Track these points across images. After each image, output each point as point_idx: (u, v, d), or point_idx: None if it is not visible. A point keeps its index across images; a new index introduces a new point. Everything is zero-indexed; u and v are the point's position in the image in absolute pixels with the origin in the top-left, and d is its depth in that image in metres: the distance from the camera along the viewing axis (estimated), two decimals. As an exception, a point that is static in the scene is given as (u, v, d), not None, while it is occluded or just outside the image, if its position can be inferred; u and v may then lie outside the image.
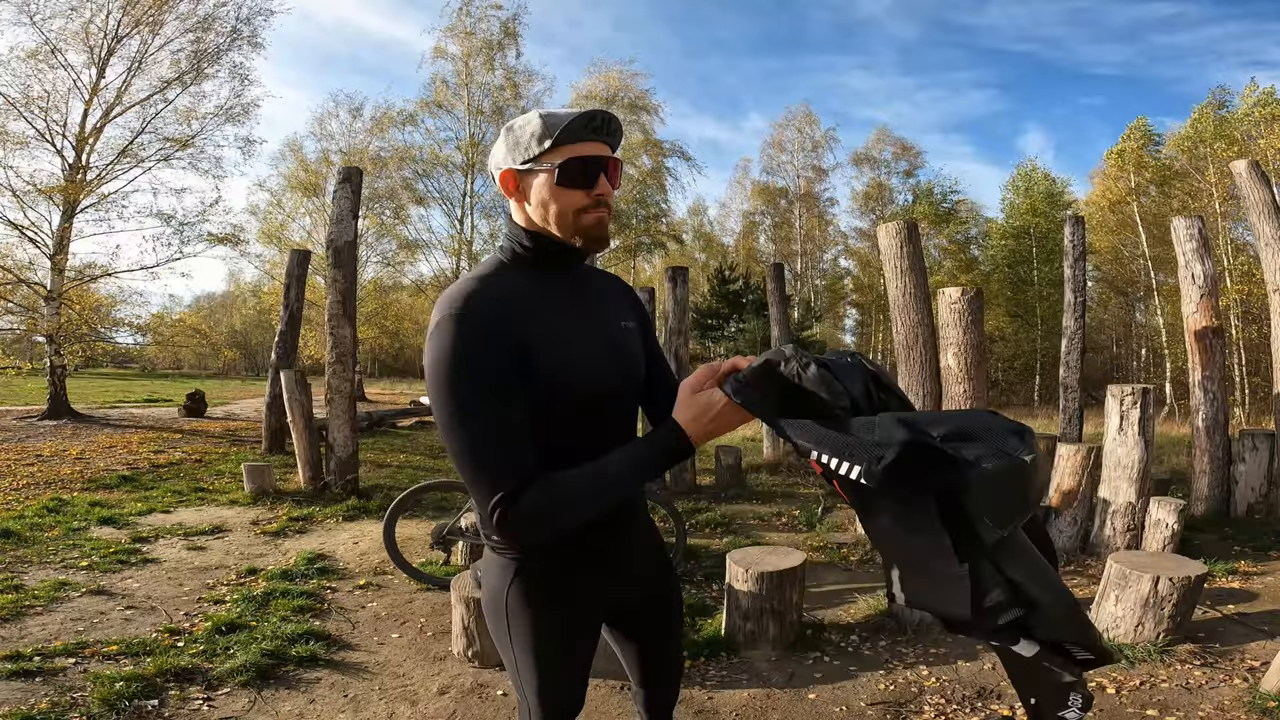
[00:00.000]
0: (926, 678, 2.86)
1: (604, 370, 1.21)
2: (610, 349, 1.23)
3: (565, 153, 1.13)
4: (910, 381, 5.12)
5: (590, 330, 1.21)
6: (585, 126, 1.13)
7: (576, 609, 1.25)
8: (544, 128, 1.12)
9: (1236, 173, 6.11)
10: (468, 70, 20.46)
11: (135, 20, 11.43)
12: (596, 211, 1.17)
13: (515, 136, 1.16)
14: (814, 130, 27.12)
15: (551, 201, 1.15)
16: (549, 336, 1.13)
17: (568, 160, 1.13)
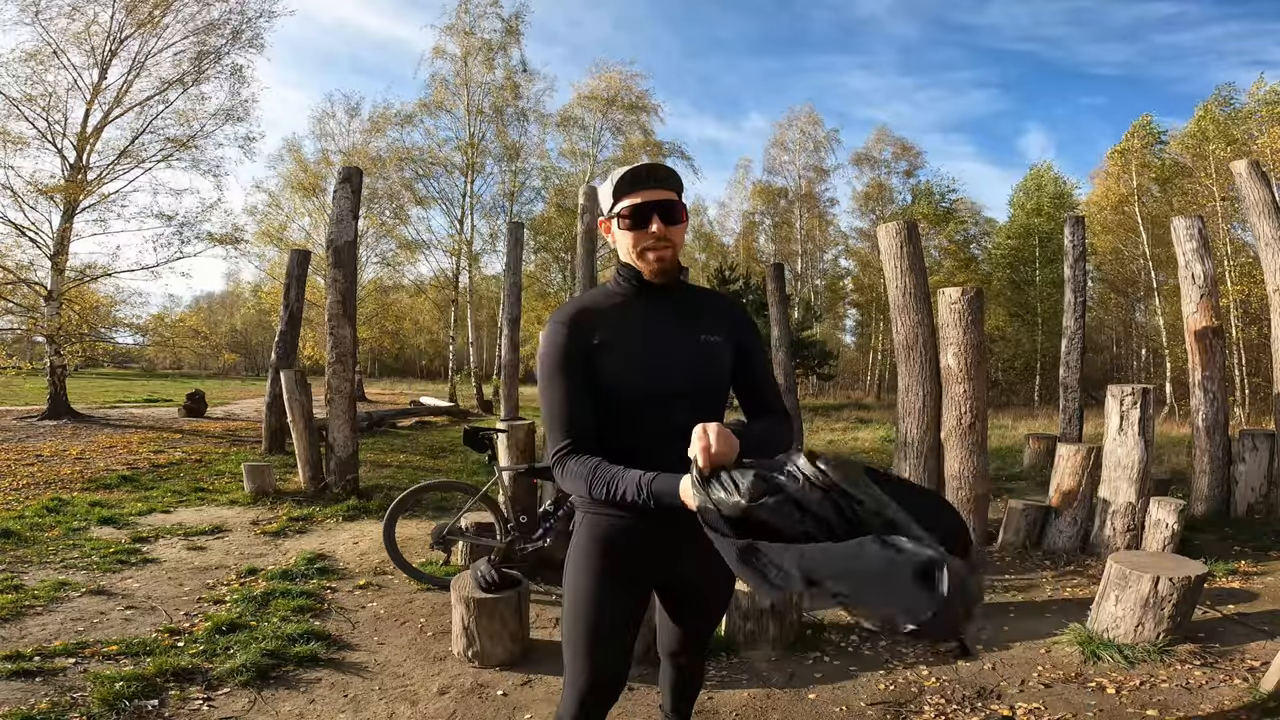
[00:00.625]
0: (926, 678, 2.86)
1: (669, 373, 1.46)
2: (683, 356, 1.47)
3: (626, 202, 1.44)
4: (910, 381, 5.12)
5: (665, 340, 1.48)
6: (631, 181, 1.44)
7: (620, 560, 1.49)
8: (611, 185, 1.46)
9: (1236, 173, 6.11)
10: (467, 70, 20.44)
11: (138, 22, 11.43)
12: (655, 250, 1.45)
13: (602, 193, 1.49)
14: (817, 130, 27.13)
15: (620, 243, 1.49)
16: (621, 341, 1.45)
17: (623, 209, 1.45)
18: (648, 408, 1.44)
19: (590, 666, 1.49)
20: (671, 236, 1.45)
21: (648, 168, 1.44)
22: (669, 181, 1.46)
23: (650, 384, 1.45)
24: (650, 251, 1.45)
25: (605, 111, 22.45)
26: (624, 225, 1.45)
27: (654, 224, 1.43)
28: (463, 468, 8.34)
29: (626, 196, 1.44)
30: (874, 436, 11.55)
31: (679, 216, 1.46)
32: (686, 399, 1.45)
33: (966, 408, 4.89)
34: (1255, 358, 16.27)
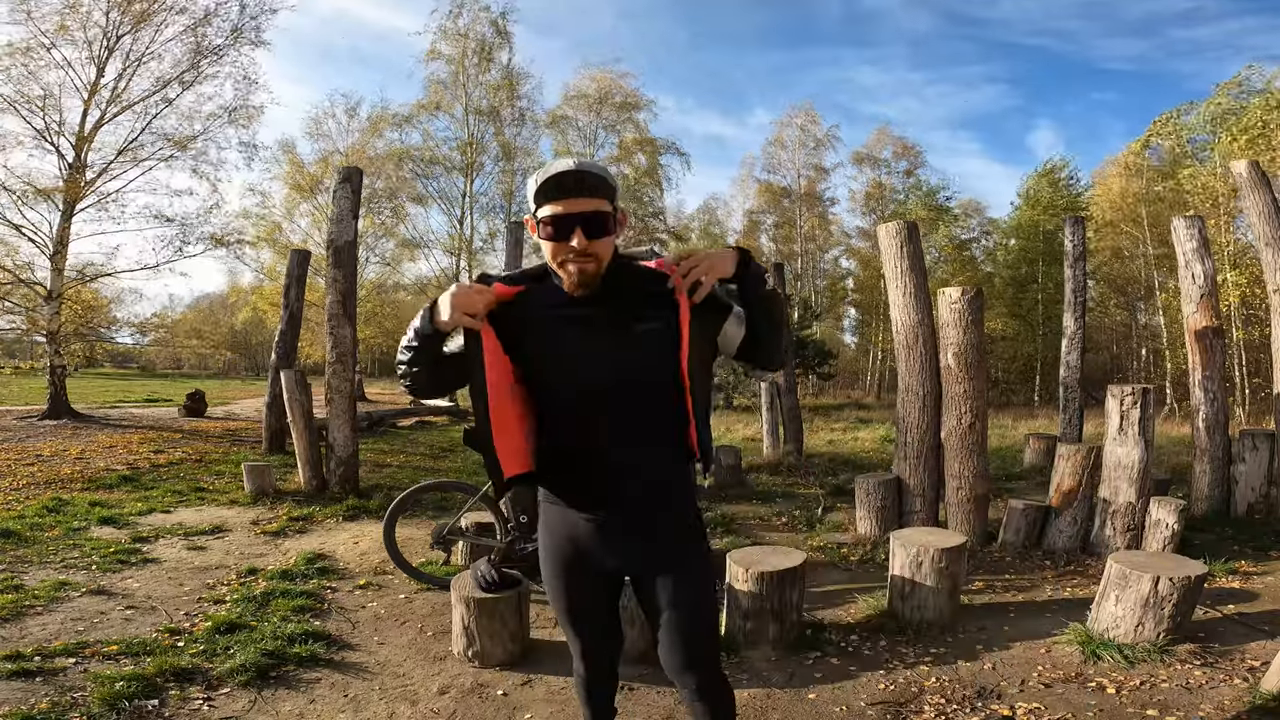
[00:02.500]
0: (926, 678, 2.86)
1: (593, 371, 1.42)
2: (607, 352, 1.42)
3: (546, 211, 1.35)
4: (910, 381, 5.12)
5: (586, 339, 1.42)
6: (555, 188, 1.33)
7: (570, 548, 1.55)
8: (534, 188, 1.36)
9: (1237, 173, 6.11)
10: (463, 71, 20.44)
11: (134, 19, 11.42)
12: (576, 262, 1.36)
13: (528, 189, 1.41)
14: (816, 128, 27.12)
15: (544, 250, 1.41)
16: (541, 341, 1.43)
17: (543, 218, 1.36)
18: (580, 407, 1.44)
19: (576, 636, 1.68)
20: (596, 250, 1.36)
21: (575, 175, 1.33)
22: (599, 190, 1.35)
23: (569, 385, 1.44)
24: (571, 264, 1.37)
25: (597, 110, 22.44)
26: (544, 234, 1.37)
27: (575, 238, 1.33)
28: (463, 468, 8.34)
29: (549, 204, 1.35)
30: (874, 436, 11.55)
31: (607, 228, 1.37)
32: (618, 395, 1.42)
33: (966, 408, 4.89)
34: (1255, 358, 16.26)
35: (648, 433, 1.45)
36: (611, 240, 1.40)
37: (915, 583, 3.38)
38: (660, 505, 1.51)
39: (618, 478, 1.46)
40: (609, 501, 1.48)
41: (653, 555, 1.53)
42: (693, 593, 1.55)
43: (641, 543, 1.52)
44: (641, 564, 1.55)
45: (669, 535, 1.54)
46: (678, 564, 1.55)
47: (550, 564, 1.60)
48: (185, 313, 35.98)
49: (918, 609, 3.38)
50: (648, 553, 1.53)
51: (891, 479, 5.16)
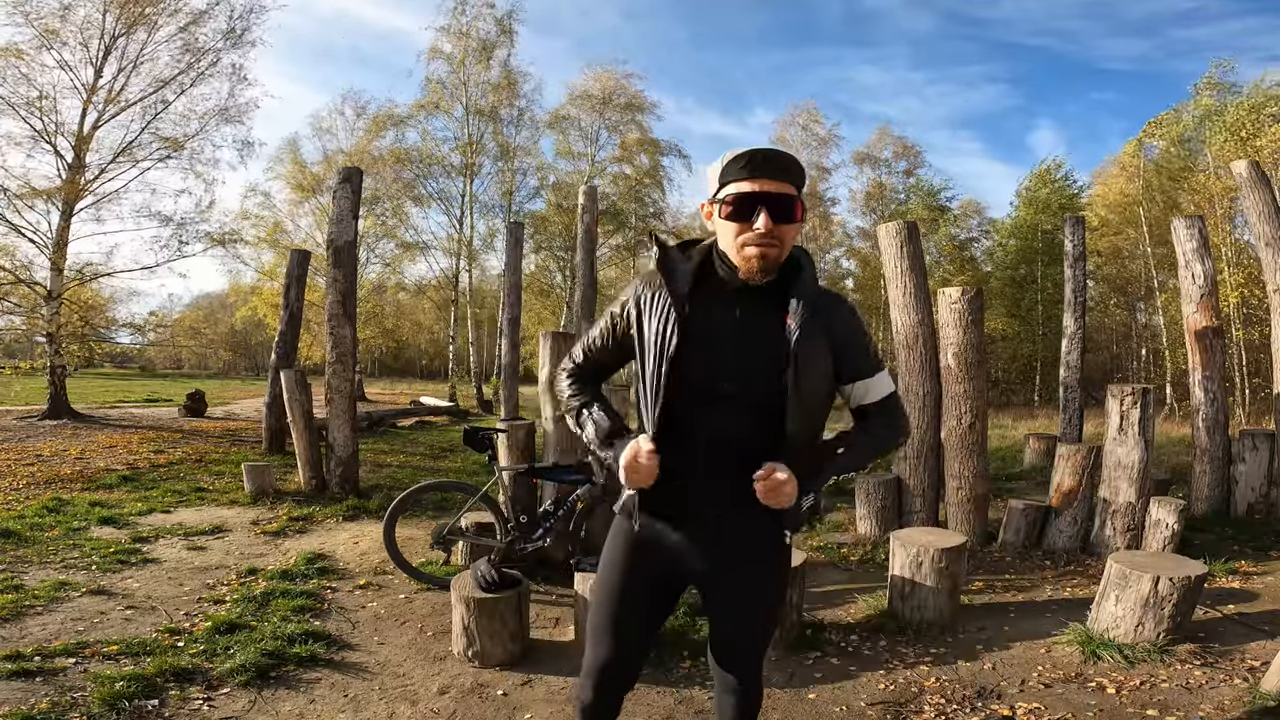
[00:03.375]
0: (926, 678, 2.86)
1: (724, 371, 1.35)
2: (737, 358, 1.35)
3: (732, 188, 1.29)
4: (910, 381, 5.12)
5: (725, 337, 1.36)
6: (743, 166, 1.27)
7: (637, 556, 1.48)
8: (720, 166, 1.31)
9: (1237, 173, 6.11)
10: (464, 70, 20.42)
11: (130, 20, 11.42)
12: (756, 245, 1.29)
13: (709, 172, 1.35)
14: (818, 127, 27.10)
15: (721, 232, 1.35)
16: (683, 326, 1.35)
17: (728, 195, 1.30)
18: (695, 399, 1.35)
19: (608, 640, 1.52)
20: (781, 235, 1.29)
21: (766, 154, 1.26)
22: (789, 173, 1.28)
23: (701, 380, 1.35)
24: (751, 247, 1.29)
25: (600, 111, 22.44)
26: (725, 214, 1.29)
27: (760, 218, 1.26)
28: (463, 468, 8.34)
29: (735, 182, 1.28)
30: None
31: (793, 215, 1.29)
32: (741, 403, 1.35)
33: (966, 408, 4.89)
34: (1255, 358, 16.26)
35: (770, 445, 1.34)
36: (796, 229, 1.33)
37: (915, 583, 3.38)
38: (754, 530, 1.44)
39: (722, 484, 1.38)
40: (714, 503, 1.40)
41: (721, 562, 1.46)
42: (761, 606, 1.52)
43: (715, 549, 1.45)
44: (711, 570, 1.48)
45: (733, 542, 1.46)
46: (747, 574, 1.48)
47: (606, 569, 1.52)
48: (184, 312, 35.98)
49: (918, 609, 3.38)
50: (715, 559, 1.46)
51: (891, 479, 5.16)
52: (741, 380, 1.34)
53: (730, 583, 1.48)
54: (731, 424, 1.35)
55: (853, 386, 1.45)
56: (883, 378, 1.47)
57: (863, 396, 1.46)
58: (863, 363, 1.45)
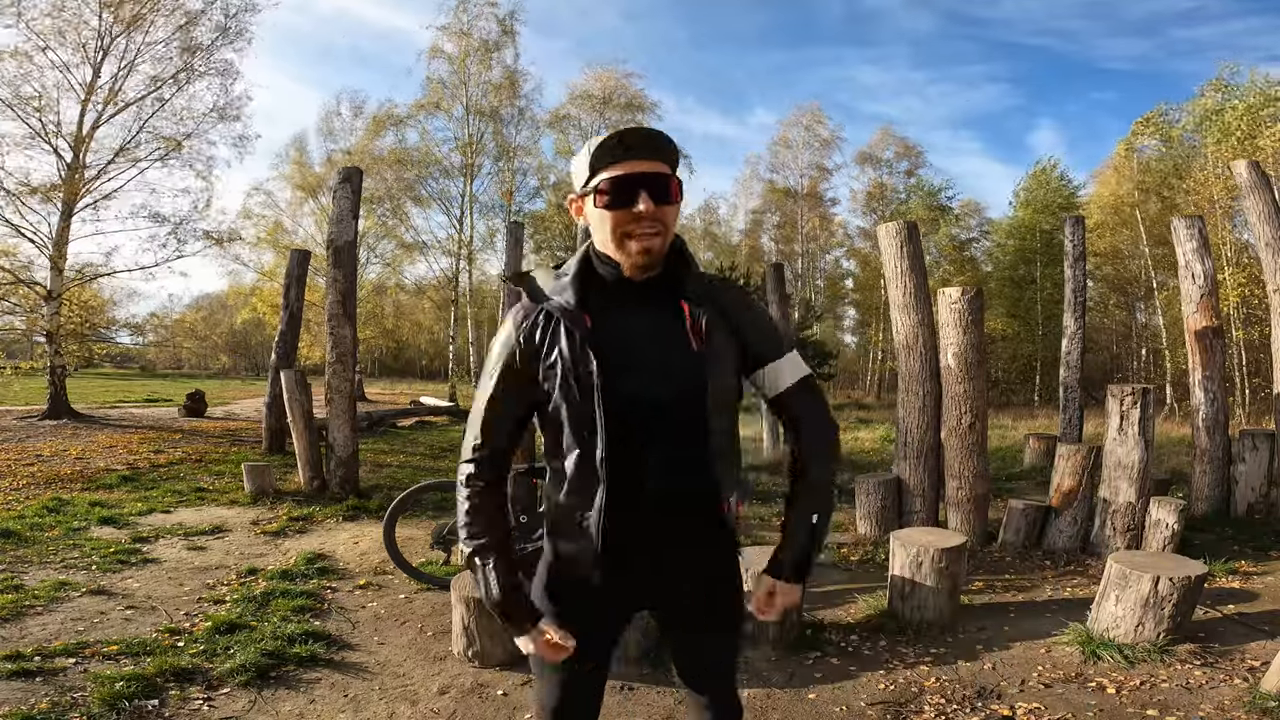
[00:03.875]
0: (926, 678, 2.86)
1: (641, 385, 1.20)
2: (648, 367, 1.21)
3: (605, 175, 1.17)
4: (910, 381, 5.12)
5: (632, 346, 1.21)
6: (615, 149, 1.16)
7: (575, 602, 1.30)
8: (589, 155, 1.18)
9: (1237, 173, 6.11)
10: (465, 70, 20.43)
11: (126, 21, 11.42)
12: (641, 237, 1.17)
13: (576, 165, 1.22)
14: (821, 128, 27.11)
15: (597, 227, 1.21)
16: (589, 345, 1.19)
17: (602, 182, 1.17)
18: (617, 422, 1.19)
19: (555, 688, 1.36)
20: (663, 218, 1.17)
21: (637, 132, 1.16)
22: (663, 151, 1.18)
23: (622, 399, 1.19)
24: (633, 239, 1.17)
25: (601, 110, 22.45)
26: (601, 203, 1.17)
27: (641, 201, 1.14)
28: (463, 468, 8.33)
29: (607, 167, 1.16)
30: (874, 436, 11.55)
31: (672, 195, 1.19)
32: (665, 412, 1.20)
33: (966, 408, 4.89)
34: (1255, 358, 16.26)
35: (697, 454, 1.23)
36: (677, 210, 1.22)
37: (915, 583, 3.38)
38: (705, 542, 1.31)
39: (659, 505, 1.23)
40: (645, 530, 1.25)
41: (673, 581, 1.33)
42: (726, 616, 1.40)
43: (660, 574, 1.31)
44: (664, 593, 1.35)
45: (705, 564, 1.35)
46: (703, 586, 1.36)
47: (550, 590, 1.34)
48: (184, 312, 35.97)
49: (918, 609, 3.38)
50: (667, 580, 1.32)
51: (891, 479, 5.16)
52: (659, 390, 1.20)
53: (691, 608, 1.36)
54: (665, 441, 1.21)
55: (764, 372, 1.31)
56: (795, 359, 1.33)
57: (776, 382, 1.32)
58: (769, 344, 1.31)
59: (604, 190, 1.17)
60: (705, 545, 1.32)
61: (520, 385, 1.26)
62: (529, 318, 1.26)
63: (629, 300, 1.24)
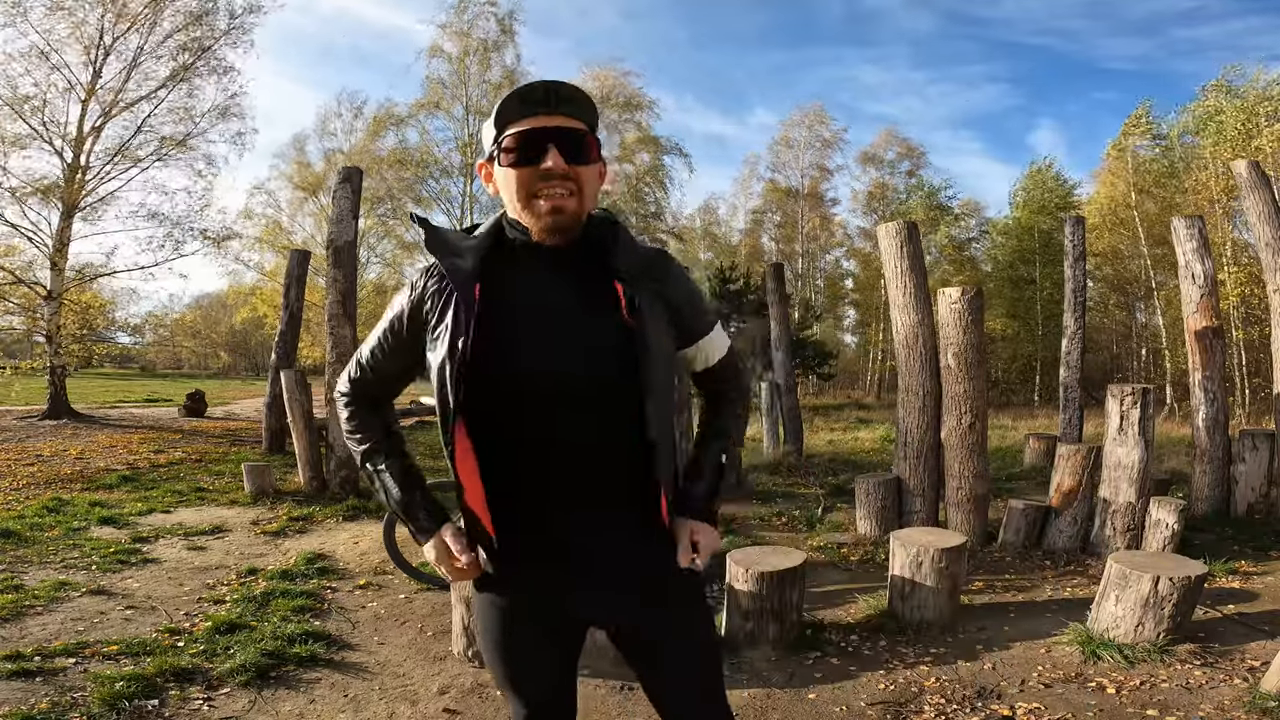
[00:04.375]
0: (926, 678, 2.86)
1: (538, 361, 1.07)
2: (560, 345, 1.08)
3: (512, 131, 1.06)
4: (910, 381, 5.12)
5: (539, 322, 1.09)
6: (523, 101, 1.05)
7: (517, 598, 1.18)
8: (496, 112, 1.07)
9: (1237, 173, 6.11)
10: (465, 70, 20.43)
11: (130, 20, 11.43)
12: (549, 194, 1.05)
13: (485, 130, 1.12)
14: (824, 129, 27.12)
15: (504, 189, 1.10)
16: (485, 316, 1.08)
17: (503, 140, 1.06)
18: (510, 402, 1.07)
19: (513, 702, 1.26)
20: (579, 178, 1.06)
21: (545, 85, 1.05)
22: (575, 105, 1.07)
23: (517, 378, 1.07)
24: (540, 198, 1.05)
25: (599, 110, 22.46)
26: (507, 161, 1.06)
27: (549, 158, 1.03)
28: (463, 468, 8.33)
29: (514, 122, 1.05)
30: (874, 436, 11.55)
31: (589, 154, 1.08)
32: (571, 401, 1.07)
33: (966, 408, 4.89)
34: (1255, 358, 16.26)
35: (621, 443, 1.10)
36: (595, 171, 1.11)
37: (915, 583, 3.38)
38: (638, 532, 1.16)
39: (581, 501, 1.11)
40: (572, 531, 1.12)
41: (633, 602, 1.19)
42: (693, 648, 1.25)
43: (623, 576, 1.16)
44: (621, 612, 1.20)
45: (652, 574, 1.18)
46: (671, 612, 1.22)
47: (481, 608, 1.22)
48: (184, 312, 35.96)
49: (918, 609, 3.38)
50: (630, 599, 1.18)
51: (891, 479, 5.16)
52: (573, 371, 1.06)
53: (646, 631, 1.22)
54: (576, 429, 1.07)
55: (696, 348, 1.24)
56: (719, 332, 1.27)
57: (708, 357, 1.26)
58: (701, 320, 1.23)
59: (508, 147, 1.06)
60: (641, 546, 1.16)
61: (400, 349, 1.19)
62: (428, 274, 1.16)
63: (541, 270, 1.11)
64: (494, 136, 1.09)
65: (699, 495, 1.23)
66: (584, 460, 1.09)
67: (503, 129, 1.07)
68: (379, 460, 1.23)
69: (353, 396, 1.27)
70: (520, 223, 1.11)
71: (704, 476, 1.25)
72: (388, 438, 1.25)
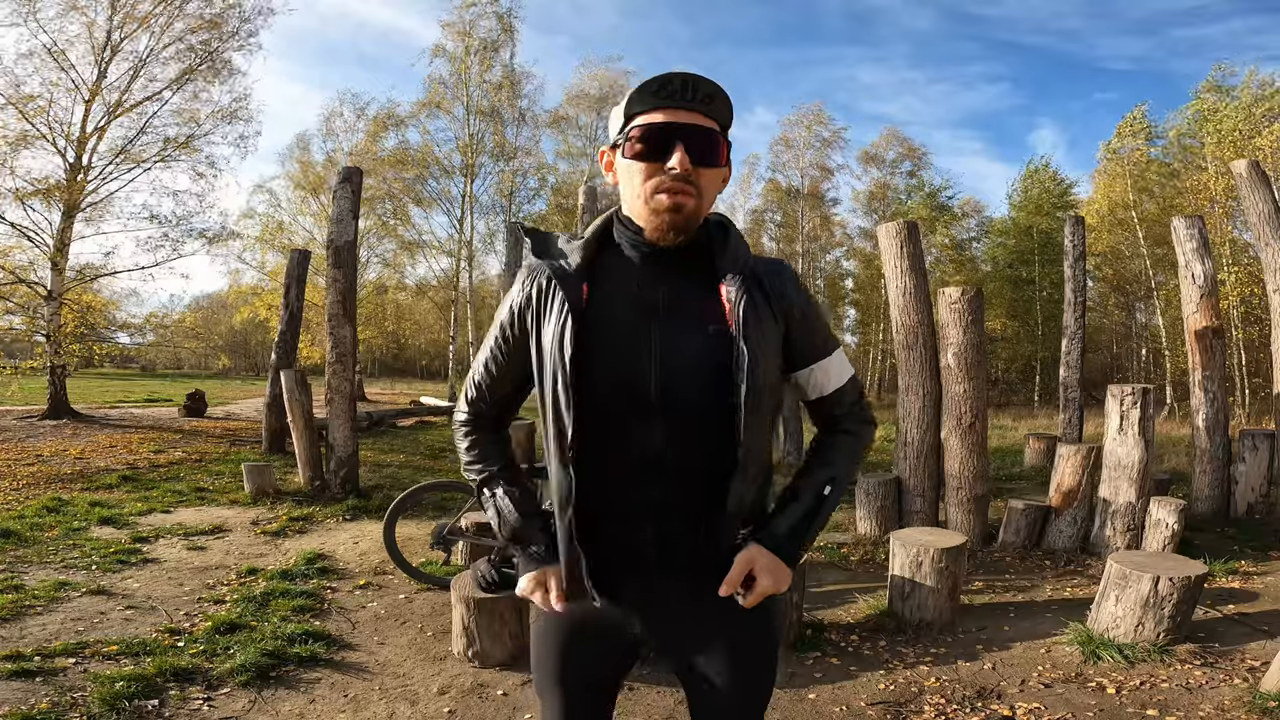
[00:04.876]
0: (926, 678, 2.86)
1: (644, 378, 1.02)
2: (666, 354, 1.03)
3: (642, 121, 1.00)
4: (910, 381, 5.12)
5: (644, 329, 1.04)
6: (656, 93, 0.98)
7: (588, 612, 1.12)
8: (628, 100, 1.01)
9: (1237, 173, 6.11)
10: (466, 69, 20.43)
11: (139, 21, 11.43)
12: (671, 190, 0.99)
13: (614, 114, 1.06)
14: (823, 128, 27.10)
15: (624, 182, 1.04)
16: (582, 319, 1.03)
17: (631, 131, 1.00)
18: (602, 411, 1.02)
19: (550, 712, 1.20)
20: (700, 181, 1.00)
21: (684, 78, 0.97)
22: (712, 104, 1.00)
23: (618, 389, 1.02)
24: (663, 194, 0.99)
25: (598, 110, 22.46)
26: (631, 152, 1.00)
27: (676, 154, 0.97)
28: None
29: (644, 113, 0.99)
30: (874, 436, 11.53)
31: (717, 156, 1.01)
32: (666, 416, 1.02)
33: (966, 408, 4.89)
34: (1255, 358, 16.26)
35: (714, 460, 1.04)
36: (720, 175, 1.04)
37: (915, 583, 3.38)
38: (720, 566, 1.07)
39: (665, 517, 1.05)
40: (658, 543, 1.06)
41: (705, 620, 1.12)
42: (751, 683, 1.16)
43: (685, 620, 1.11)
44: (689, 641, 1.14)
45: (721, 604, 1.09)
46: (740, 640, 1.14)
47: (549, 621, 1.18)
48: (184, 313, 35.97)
49: (918, 609, 3.38)
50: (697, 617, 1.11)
51: (891, 479, 5.16)
52: (676, 383, 1.02)
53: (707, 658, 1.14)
54: (670, 444, 1.02)
55: (810, 372, 1.13)
56: (840, 357, 1.16)
57: (822, 385, 1.14)
58: (818, 342, 1.13)
59: (635, 137, 1.00)
60: (720, 574, 1.06)
61: (515, 355, 1.14)
62: (534, 275, 1.11)
63: (648, 271, 1.06)
64: (621, 125, 1.03)
65: (779, 527, 1.09)
66: (670, 473, 1.03)
67: (631, 118, 1.02)
68: (497, 485, 1.18)
69: (473, 424, 1.22)
70: (633, 221, 1.06)
71: (792, 508, 1.11)
72: (508, 464, 1.21)
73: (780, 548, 1.07)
